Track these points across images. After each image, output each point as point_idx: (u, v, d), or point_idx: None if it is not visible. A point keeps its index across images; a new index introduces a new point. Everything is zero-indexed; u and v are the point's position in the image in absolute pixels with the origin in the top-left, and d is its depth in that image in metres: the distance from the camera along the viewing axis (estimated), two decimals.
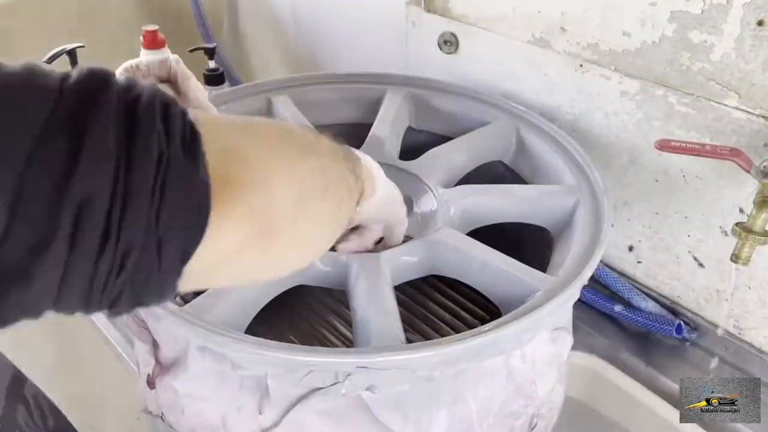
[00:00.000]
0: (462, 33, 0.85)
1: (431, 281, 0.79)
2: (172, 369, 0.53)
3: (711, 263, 0.73)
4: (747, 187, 0.65)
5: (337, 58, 1.12)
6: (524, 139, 0.74)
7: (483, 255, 0.58)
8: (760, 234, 0.61)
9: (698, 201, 0.71)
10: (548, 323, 0.54)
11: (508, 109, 0.77)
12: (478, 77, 0.85)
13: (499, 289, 0.58)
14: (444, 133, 0.78)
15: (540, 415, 0.57)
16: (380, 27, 1.00)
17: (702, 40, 0.64)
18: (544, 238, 0.66)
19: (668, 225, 0.75)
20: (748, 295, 0.71)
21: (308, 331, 0.73)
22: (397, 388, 0.48)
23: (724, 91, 0.65)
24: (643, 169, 0.74)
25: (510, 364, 0.52)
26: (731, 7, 0.61)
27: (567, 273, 0.56)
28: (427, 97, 0.80)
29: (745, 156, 0.61)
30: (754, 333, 0.72)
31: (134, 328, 0.56)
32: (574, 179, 0.66)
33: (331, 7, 1.09)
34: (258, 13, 1.26)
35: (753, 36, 0.61)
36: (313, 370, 0.47)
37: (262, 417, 0.49)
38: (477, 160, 0.73)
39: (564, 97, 0.78)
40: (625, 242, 0.80)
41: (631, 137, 0.73)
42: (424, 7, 0.89)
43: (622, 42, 0.71)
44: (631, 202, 0.77)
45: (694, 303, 0.76)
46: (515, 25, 0.80)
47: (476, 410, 0.51)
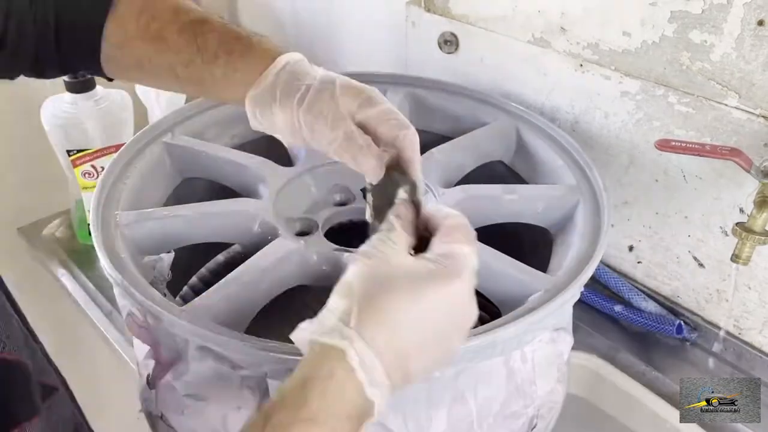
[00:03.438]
0: (462, 33, 0.85)
1: None
2: (172, 369, 0.52)
3: (711, 263, 0.73)
4: (747, 187, 0.65)
5: (337, 58, 1.12)
6: (524, 139, 0.74)
7: (483, 255, 0.58)
8: (760, 234, 0.61)
9: (698, 201, 0.71)
10: (548, 323, 0.54)
11: (508, 109, 0.77)
12: (478, 77, 0.85)
13: (499, 289, 0.57)
14: (444, 133, 0.78)
15: (540, 416, 0.57)
16: (380, 27, 1.00)
17: (702, 40, 0.64)
18: (544, 238, 0.66)
19: (668, 225, 0.75)
20: (748, 295, 0.71)
21: None
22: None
23: (724, 91, 0.65)
24: (643, 169, 0.74)
25: (510, 365, 0.52)
26: (731, 6, 0.61)
27: (567, 273, 0.56)
28: (427, 97, 0.80)
29: (745, 156, 0.61)
30: (754, 333, 0.72)
31: (134, 328, 0.56)
32: (574, 179, 0.66)
33: (331, 7, 1.09)
34: (258, 13, 1.26)
35: (753, 36, 0.61)
36: None
37: None
38: (477, 160, 0.73)
39: (564, 97, 0.78)
40: (625, 242, 0.80)
41: (631, 137, 0.73)
42: (424, 7, 0.89)
43: (622, 42, 0.71)
44: (631, 202, 0.77)
45: (694, 303, 0.76)
46: (515, 25, 0.80)
47: (476, 410, 0.51)
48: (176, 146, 0.71)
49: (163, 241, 0.61)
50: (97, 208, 0.61)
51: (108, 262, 0.54)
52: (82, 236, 0.99)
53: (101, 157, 0.91)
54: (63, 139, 0.90)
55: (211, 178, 0.72)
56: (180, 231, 0.62)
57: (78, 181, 0.93)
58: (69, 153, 0.91)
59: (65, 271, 0.95)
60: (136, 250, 0.59)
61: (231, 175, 0.70)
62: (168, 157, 0.71)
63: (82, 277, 0.93)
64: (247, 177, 0.69)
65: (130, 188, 0.65)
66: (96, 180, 0.80)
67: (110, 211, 0.61)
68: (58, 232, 1.03)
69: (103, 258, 0.55)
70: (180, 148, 0.71)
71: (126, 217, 0.61)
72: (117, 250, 0.57)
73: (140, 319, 0.55)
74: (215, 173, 0.71)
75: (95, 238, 0.57)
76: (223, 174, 0.71)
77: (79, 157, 0.91)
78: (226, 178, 0.71)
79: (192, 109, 0.76)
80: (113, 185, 0.64)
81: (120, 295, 0.57)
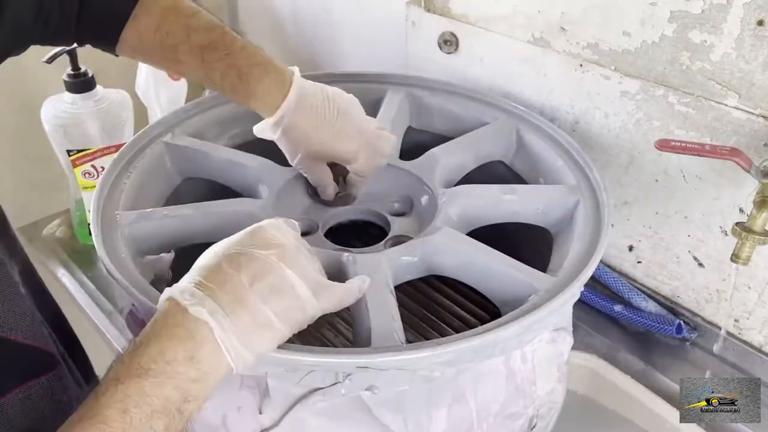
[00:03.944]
0: (462, 33, 0.85)
1: (431, 281, 0.79)
2: None
3: (711, 263, 0.73)
4: (747, 187, 0.65)
5: (337, 58, 1.12)
6: (524, 139, 0.74)
7: (483, 255, 0.58)
8: (760, 234, 0.61)
9: (698, 201, 0.71)
10: (548, 323, 0.54)
11: (508, 109, 0.77)
12: (478, 77, 0.85)
13: (499, 289, 0.58)
14: (444, 133, 0.78)
15: (540, 416, 0.57)
16: (380, 27, 1.00)
17: (702, 40, 0.64)
18: (544, 238, 0.66)
19: (668, 225, 0.75)
20: (748, 295, 0.71)
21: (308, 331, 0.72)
22: (397, 388, 0.48)
23: (724, 91, 0.65)
24: (643, 169, 0.74)
25: (510, 365, 0.52)
26: (731, 6, 0.61)
27: (567, 273, 0.56)
28: (427, 97, 0.80)
29: (745, 156, 0.61)
30: (754, 333, 0.72)
31: (134, 327, 0.56)
32: (574, 179, 0.66)
33: (331, 7, 1.09)
34: (258, 13, 1.26)
35: (753, 36, 0.61)
36: (313, 370, 0.47)
37: (262, 417, 0.49)
38: (477, 160, 0.73)
39: (564, 97, 0.78)
40: (625, 242, 0.80)
41: (631, 137, 0.74)
42: (424, 7, 0.89)
43: (622, 42, 0.71)
44: (631, 202, 0.77)
45: (694, 303, 0.76)
46: (515, 25, 0.80)
47: (476, 410, 0.51)
48: (176, 146, 0.71)
49: (163, 241, 0.61)
50: (97, 208, 0.61)
51: (108, 262, 0.54)
52: (82, 236, 0.99)
53: (101, 157, 0.91)
54: (63, 139, 0.90)
55: (211, 178, 0.72)
56: (180, 231, 0.62)
57: (78, 181, 0.93)
58: (69, 153, 0.91)
59: (65, 271, 0.95)
60: (136, 250, 0.59)
61: (231, 175, 0.70)
62: (168, 157, 0.71)
63: (82, 277, 0.93)
64: (247, 177, 0.69)
65: (130, 188, 0.65)
66: (96, 180, 0.80)
67: (110, 211, 0.61)
68: (58, 232, 1.03)
69: (104, 258, 0.55)
70: (180, 148, 0.71)
71: (126, 217, 0.61)
72: (117, 250, 0.57)
73: (140, 319, 0.55)
74: (215, 173, 0.71)
75: (95, 238, 0.57)
76: (223, 174, 0.71)
77: (79, 157, 0.91)
78: (226, 178, 0.71)
79: (192, 109, 0.76)
80: (113, 185, 0.64)
81: (120, 294, 0.57)
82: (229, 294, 0.42)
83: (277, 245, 0.45)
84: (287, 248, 0.45)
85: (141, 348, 0.39)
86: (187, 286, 0.42)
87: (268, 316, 0.42)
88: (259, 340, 0.42)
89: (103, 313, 0.86)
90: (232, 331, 0.41)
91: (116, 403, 0.37)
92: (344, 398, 0.48)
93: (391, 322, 0.52)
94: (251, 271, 0.43)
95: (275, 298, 0.43)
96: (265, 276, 0.43)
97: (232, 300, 0.42)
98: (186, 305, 0.41)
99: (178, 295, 0.42)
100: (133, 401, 0.38)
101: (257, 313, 0.42)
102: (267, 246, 0.45)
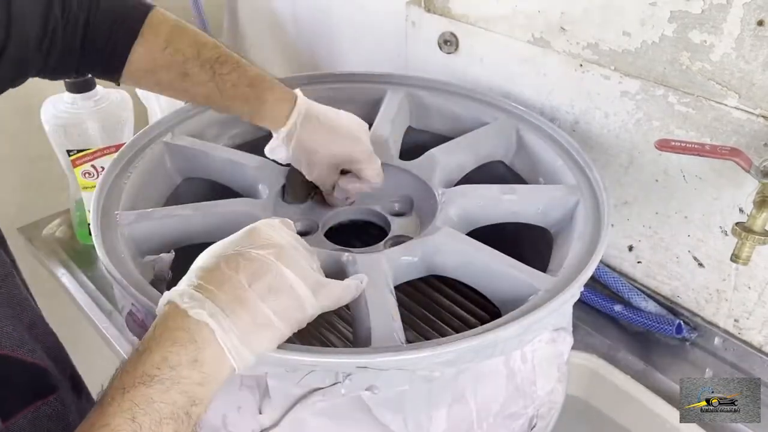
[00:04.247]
0: (462, 33, 0.85)
1: (431, 281, 0.79)
2: None
3: (711, 263, 0.73)
4: (747, 187, 0.65)
5: (337, 58, 1.12)
6: (524, 139, 0.74)
7: (483, 255, 0.58)
8: (760, 234, 0.60)
9: (698, 201, 0.71)
10: (548, 323, 0.54)
11: (508, 109, 0.77)
12: (478, 77, 0.85)
13: (499, 289, 0.58)
14: (444, 133, 0.78)
15: (540, 416, 0.57)
16: (380, 27, 1.00)
17: (702, 40, 0.64)
18: (544, 238, 0.66)
19: (668, 225, 0.75)
20: (748, 295, 0.71)
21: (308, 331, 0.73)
22: (397, 388, 0.48)
23: (724, 91, 0.65)
24: (643, 169, 0.74)
25: (510, 365, 0.52)
26: (731, 7, 0.61)
27: (567, 273, 0.56)
28: (427, 97, 0.80)
29: (745, 156, 0.61)
30: (754, 333, 0.72)
31: (134, 327, 0.56)
32: (574, 179, 0.66)
33: (331, 8, 1.09)
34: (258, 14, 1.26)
35: (753, 36, 0.61)
36: (313, 370, 0.47)
37: (262, 417, 0.49)
38: (477, 160, 0.73)
39: (564, 97, 0.78)
40: (625, 242, 0.80)
41: (631, 137, 0.74)
42: (424, 7, 0.89)
43: (622, 42, 0.71)
44: (631, 202, 0.77)
45: (694, 303, 0.76)
46: (515, 25, 0.80)
47: (476, 410, 0.51)
48: (176, 146, 0.71)
49: (163, 241, 0.61)
50: (97, 208, 0.61)
51: (108, 262, 0.54)
52: (82, 236, 0.99)
53: (101, 157, 0.92)
54: (63, 139, 0.90)
55: (211, 178, 0.72)
56: (180, 231, 0.62)
57: (78, 181, 0.93)
58: (69, 153, 0.91)
59: (65, 271, 0.95)
60: (136, 250, 0.59)
61: (231, 175, 0.70)
62: (168, 157, 0.71)
63: (82, 277, 0.93)
64: (247, 177, 0.69)
65: (130, 188, 0.65)
66: (96, 180, 0.80)
67: (110, 211, 0.61)
68: (58, 232, 1.03)
69: (103, 257, 0.55)
70: (180, 148, 0.71)
71: (126, 217, 0.61)
72: (117, 250, 0.57)
73: (140, 319, 0.55)
74: (215, 173, 0.71)
75: (95, 237, 0.57)
76: (223, 174, 0.71)
77: (79, 157, 0.91)
78: (226, 178, 0.71)
79: (192, 109, 0.76)
80: (113, 185, 0.64)
81: (120, 294, 0.57)
82: (229, 294, 0.42)
83: (274, 245, 0.45)
84: (284, 247, 0.46)
85: (144, 355, 0.39)
86: (186, 288, 0.42)
87: (267, 316, 0.42)
88: (259, 340, 0.42)
89: (103, 313, 0.86)
90: (232, 332, 0.41)
91: (124, 411, 0.37)
92: (344, 398, 0.48)
93: (391, 322, 0.52)
94: (249, 271, 0.43)
95: (274, 297, 0.43)
96: (264, 275, 0.43)
97: (232, 300, 0.42)
98: (186, 308, 0.41)
99: (177, 298, 0.42)
100: (141, 409, 0.37)
101: (257, 313, 0.42)
102: (264, 246, 0.45)
